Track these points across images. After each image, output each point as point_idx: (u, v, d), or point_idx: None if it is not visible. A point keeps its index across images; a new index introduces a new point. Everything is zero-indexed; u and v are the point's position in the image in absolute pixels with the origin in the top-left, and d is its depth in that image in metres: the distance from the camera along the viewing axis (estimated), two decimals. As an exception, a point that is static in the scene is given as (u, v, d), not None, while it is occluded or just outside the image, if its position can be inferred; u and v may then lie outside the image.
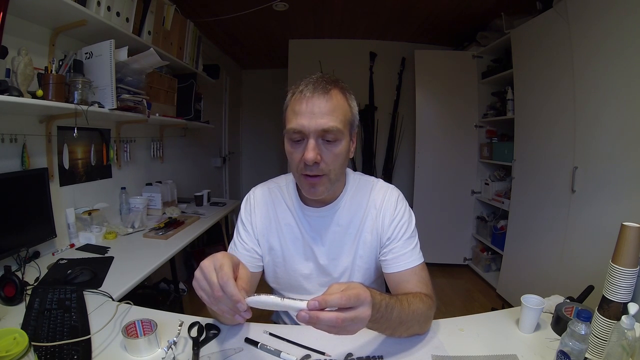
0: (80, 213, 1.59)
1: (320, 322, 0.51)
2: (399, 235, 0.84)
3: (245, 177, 4.95)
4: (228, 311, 0.54)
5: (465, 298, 2.67)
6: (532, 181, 2.18)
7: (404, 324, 0.70)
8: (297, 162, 0.76)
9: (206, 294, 0.55)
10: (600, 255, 1.01)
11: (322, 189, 0.78)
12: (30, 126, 1.38)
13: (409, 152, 3.40)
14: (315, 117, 0.71)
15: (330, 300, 0.52)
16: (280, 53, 3.76)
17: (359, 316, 0.54)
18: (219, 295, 0.52)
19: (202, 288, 0.55)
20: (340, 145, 0.75)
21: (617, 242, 0.72)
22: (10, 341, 0.56)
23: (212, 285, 0.53)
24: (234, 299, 0.52)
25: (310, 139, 0.72)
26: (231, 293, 0.51)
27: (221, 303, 0.53)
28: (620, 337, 0.62)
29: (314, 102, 0.72)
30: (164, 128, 2.42)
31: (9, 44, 1.17)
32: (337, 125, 0.72)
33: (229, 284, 0.52)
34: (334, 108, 0.73)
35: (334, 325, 0.52)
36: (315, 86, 0.73)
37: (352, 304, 0.53)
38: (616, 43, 1.51)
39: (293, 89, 0.77)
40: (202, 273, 0.55)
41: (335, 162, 0.76)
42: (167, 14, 2.00)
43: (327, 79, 0.76)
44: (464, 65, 2.96)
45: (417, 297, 0.74)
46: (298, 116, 0.73)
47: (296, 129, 0.73)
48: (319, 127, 0.71)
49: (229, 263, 0.55)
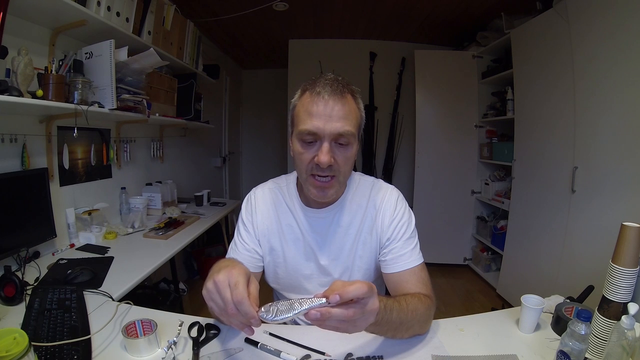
0: (80, 213, 1.59)
1: (332, 318, 0.51)
2: (399, 235, 0.84)
3: (245, 177, 4.95)
4: (237, 325, 0.54)
5: (465, 298, 2.67)
6: (532, 181, 2.18)
7: (404, 325, 0.70)
8: (307, 163, 0.75)
9: (218, 307, 0.54)
10: (600, 255, 1.01)
11: (332, 192, 0.78)
12: (30, 126, 1.38)
13: (409, 152, 3.40)
14: (332, 120, 0.71)
15: (351, 291, 0.51)
16: (280, 53, 3.76)
17: (369, 309, 0.54)
18: (232, 313, 0.52)
19: (214, 301, 0.55)
20: (352, 149, 0.76)
21: (617, 242, 0.71)
22: (10, 341, 0.56)
23: (226, 302, 0.52)
24: (249, 316, 0.51)
25: (325, 142, 0.72)
26: (246, 312, 0.51)
27: (233, 319, 0.53)
28: (620, 337, 0.62)
29: (332, 106, 0.71)
30: (164, 128, 2.42)
31: (9, 44, 1.17)
32: (351, 130, 0.73)
33: (245, 303, 0.51)
34: (349, 112, 0.73)
35: (346, 320, 0.51)
36: (333, 89, 0.72)
37: (369, 294, 0.53)
38: (616, 43, 1.51)
39: (306, 87, 0.76)
40: (216, 288, 0.54)
41: (346, 165, 0.76)
42: (167, 14, 2.00)
43: (342, 82, 0.75)
44: (464, 65, 2.96)
45: (415, 297, 0.74)
46: (314, 118, 0.71)
47: (311, 130, 0.72)
48: (335, 130, 0.71)
49: (244, 282, 0.54)
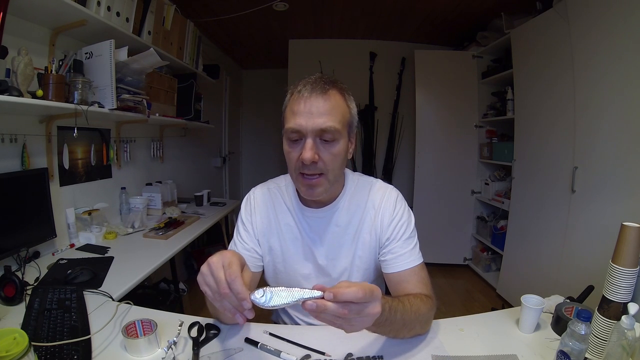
0: (80, 213, 1.59)
1: (327, 311, 0.51)
2: (399, 235, 0.84)
3: (245, 177, 4.95)
4: (230, 309, 0.54)
5: (465, 298, 2.67)
6: (532, 181, 2.18)
7: (407, 326, 0.71)
8: (295, 162, 0.76)
9: (211, 290, 0.55)
10: (600, 255, 1.02)
11: (320, 189, 0.78)
12: (30, 126, 1.38)
13: (409, 152, 3.40)
14: (313, 116, 0.72)
15: (347, 294, 0.50)
16: (280, 53, 3.76)
17: (368, 312, 0.53)
18: (224, 292, 0.52)
19: (207, 284, 0.55)
20: (338, 145, 0.75)
21: (617, 242, 0.72)
22: (10, 341, 0.56)
23: (219, 282, 0.53)
24: (240, 296, 0.52)
25: (308, 138, 0.72)
26: (238, 290, 0.52)
27: (225, 300, 0.53)
28: (620, 337, 0.62)
29: (312, 102, 0.72)
30: (164, 128, 2.42)
31: (9, 44, 1.17)
32: (334, 125, 0.72)
33: (237, 281, 0.52)
34: (332, 108, 0.73)
35: (341, 317, 0.51)
36: (314, 86, 0.73)
37: (367, 299, 0.52)
38: (616, 43, 1.51)
39: (292, 89, 0.77)
40: (209, 269, 0.55)
41: (334, 162, 0.76)
42: (167, 14, 2.00)
43: (326, 79, 0.76)
44: (464, 65, 2.96)
45: (417, 297, 0.74)
46: (296, 116, 0.73)
47: (294, 128, 0.73)
48: (317, 126, 0.72)
49: (237, 262, 0.55)
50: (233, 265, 0.54)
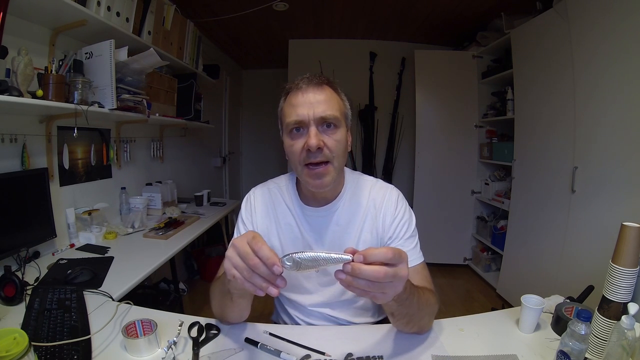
0: (80, 213, 1.59)
1: (362, 274, 0.50)
2: (400, 234, 0.85)
3: (245, 177, 4.95)
4: (261, 284, 0.53)
5: (465, 298, 2.67)
6: (532, 181, 2.18)
7: (420, 311, 0.72)
8: (299, 153, 0.76)
9: (239, 269, 0.54)
10: (600, 255, 1.01)
11: (328, 178, 0.78)
12: (30, 126, 1.38)
13: (409, 152, 3.40)
14: (313, 106, 0.75)
15: (377, 254, 0.50)
16: (280, 53, 3.76)
17: (400, 273, 0.52)
18: (253, 263, 0.52)
19: (235, 265, 0.54)
20: (339, 131, 0.78)
21: (617, 242, 0.72)
22: (10, 341, 0.56)
23: (247, 255, 0.53)
24: (270, 261, 0.51)
25: (311, 126, 0.75)
26: (267, 256, 0.51)
27: (256, 274, 0.53)
28: (620, 337, 0.62)
29: (310, 94, 0.76)
30: (164, 128, 2.42)
31: (9, 44, 1.17)
32: (334, 113, 0.76)
33: (264, 248, 0.52)
34: (329, 99, 0.77)
35: (376, 281, 0.50)
36: (310, 80, 0.78)
37: (397, 260, 0.52)
38: (616, 43, 1.51)
39: (286, 88, 0.82)
40: (236, 250, 0.55)
41: (337, 148, 0.77)
42: (167, 14, 2.00)
43: (320, 77, 0.80)
44: (464, 65, 2.96)
45: (426, 290, 0.76)
46: (297, 107, 0.76)
47: (297, 119, 0.75)
48: (318, 114, 0.75)
49: (259, 236, 0.55)
50: (257, 237, 0.54)
